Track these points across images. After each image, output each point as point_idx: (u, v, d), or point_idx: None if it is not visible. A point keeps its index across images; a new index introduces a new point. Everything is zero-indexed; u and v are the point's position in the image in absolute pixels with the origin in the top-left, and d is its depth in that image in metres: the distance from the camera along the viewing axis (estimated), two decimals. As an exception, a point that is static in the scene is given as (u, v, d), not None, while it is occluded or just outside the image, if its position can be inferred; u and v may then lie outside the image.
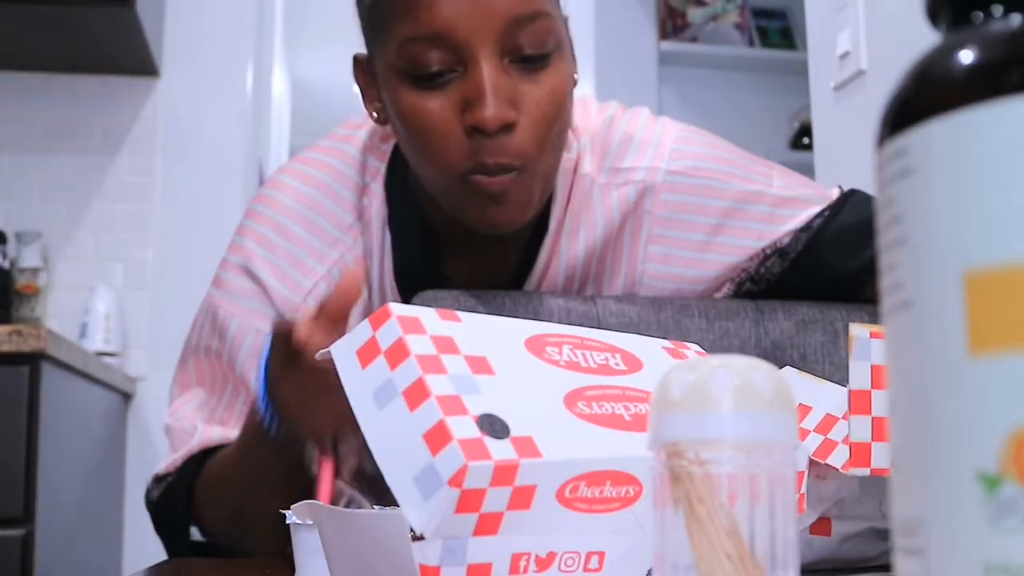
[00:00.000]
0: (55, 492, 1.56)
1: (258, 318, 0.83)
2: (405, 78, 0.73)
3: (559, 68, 0.75)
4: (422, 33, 0.71)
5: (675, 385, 0.31)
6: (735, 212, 0.88)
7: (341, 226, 0.85)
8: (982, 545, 0.21)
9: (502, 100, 0.72)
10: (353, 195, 0.86)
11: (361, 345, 0.41)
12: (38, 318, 2.10)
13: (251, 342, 0.83)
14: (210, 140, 2.26)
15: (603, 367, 0.47)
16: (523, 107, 0.73)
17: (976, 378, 0.22)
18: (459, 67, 0.72)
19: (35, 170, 2.19)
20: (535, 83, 0.74)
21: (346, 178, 0.86)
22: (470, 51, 0.71)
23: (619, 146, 0.88)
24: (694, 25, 2.96)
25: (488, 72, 0.71)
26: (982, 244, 0.22)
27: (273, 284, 0.83)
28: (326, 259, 0.84)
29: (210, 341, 0.85)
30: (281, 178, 0.87)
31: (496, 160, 0.72)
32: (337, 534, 0.43)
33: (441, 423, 0.38)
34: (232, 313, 0.84)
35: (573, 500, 0.41)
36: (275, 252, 0.84)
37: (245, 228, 0.86)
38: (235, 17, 2.31)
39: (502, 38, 0.72)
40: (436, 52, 0.72)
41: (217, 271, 0.87)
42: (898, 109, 0.24)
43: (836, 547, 0.60)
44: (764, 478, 0.30)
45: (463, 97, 0.72)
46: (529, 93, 0.73)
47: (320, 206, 0.85)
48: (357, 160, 0.87)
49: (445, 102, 0.73)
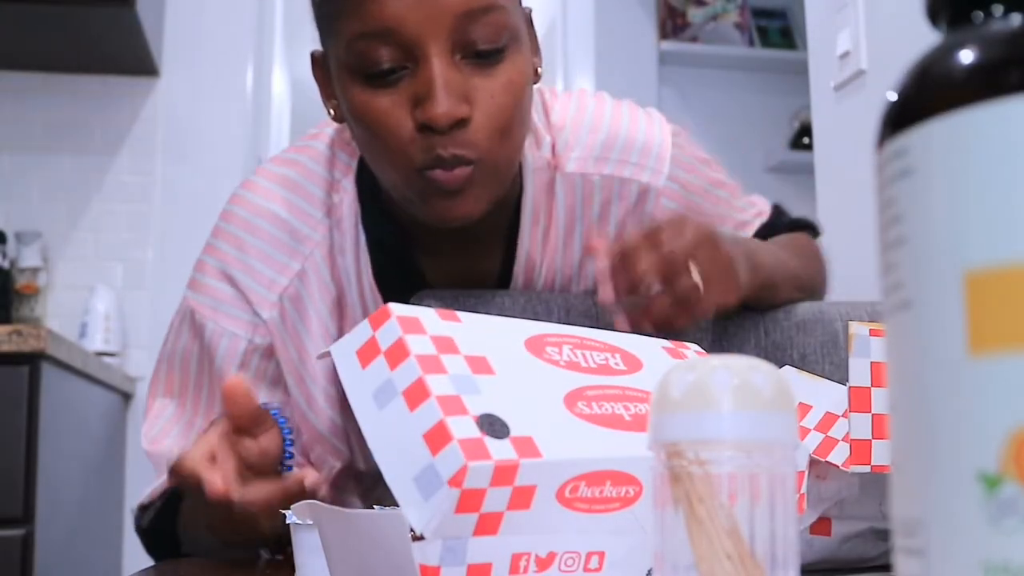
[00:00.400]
0: (55, 492, 1.56)
1: (231, 322, 0.83)
2: (356, 75, 0.72)
3: (515, 61, 0.74)
4: (370, 29, 0.70)
5: (675, 385, 0.31)
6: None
7: (310, 222, 0.84)
8: (982, 545, 0.21)
9: (453, 96, 0.70)
10: (321, 191, 0.85)
11: (361, 345, 0.41)
12: (38, 318, 2.10)
13: (226, 345, 0.83)
14: (210, 140, 2.26)
15: (603, 367, 0.47)
16: (477, 102, 0.72)
17: (976, 378, 0.22)
18: (409, 63, 0.71)
19: (35, 170, 2.19)
20: (489, 77, 0.72)
21: (314, 174, 0.86)
22: (420, 47, 0.70)
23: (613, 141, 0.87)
24: (694, 25, 2.96)
25: (439, 68, 0.70)
26: (982, 244, 0.22)
27: (248, 284, 0.83)
28: (297, 256, 0.84)
29: (188, 345, 0.85)
30: (252, 179, 0.87)
31: (451, 152, 0.71)
32: (337, 534, 0.43)
33: (441, 423, 0.38)
34: (207, 315, 0.84)
35: (573, 500, 0.41)
36: (247, 252, 0.84)
37: (218, 230, 0.86)
38: (235, 17, 2.31)
39: (453, 33, 0.70)
40: (385, 49, 0.71)
41: (192, 273, 0.86)
42: (898, 109, 0.24)
43: (836, 547, 0.60)
44: (764, 478, 0.30)
45: (414, 94, 0.71)
46: (483, 87, 0.72)
47: (288, 203, 0.85)
48: (325, 155, 0.86)
49: (396, 99, 0.72)
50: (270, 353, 0.84)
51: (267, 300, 0.83)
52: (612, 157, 0.86)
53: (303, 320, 0.83)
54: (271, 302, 0.83)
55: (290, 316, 0.83)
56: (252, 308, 0.83)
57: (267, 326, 0.83)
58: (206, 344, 0.84)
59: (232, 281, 0.83)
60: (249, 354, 0.83)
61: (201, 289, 0.84)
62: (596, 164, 0.86)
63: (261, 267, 0.83)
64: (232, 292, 0.83)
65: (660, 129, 0.89)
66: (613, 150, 0.86)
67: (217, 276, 0.84)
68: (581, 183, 0.86)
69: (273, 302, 0.83)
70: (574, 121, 0.87)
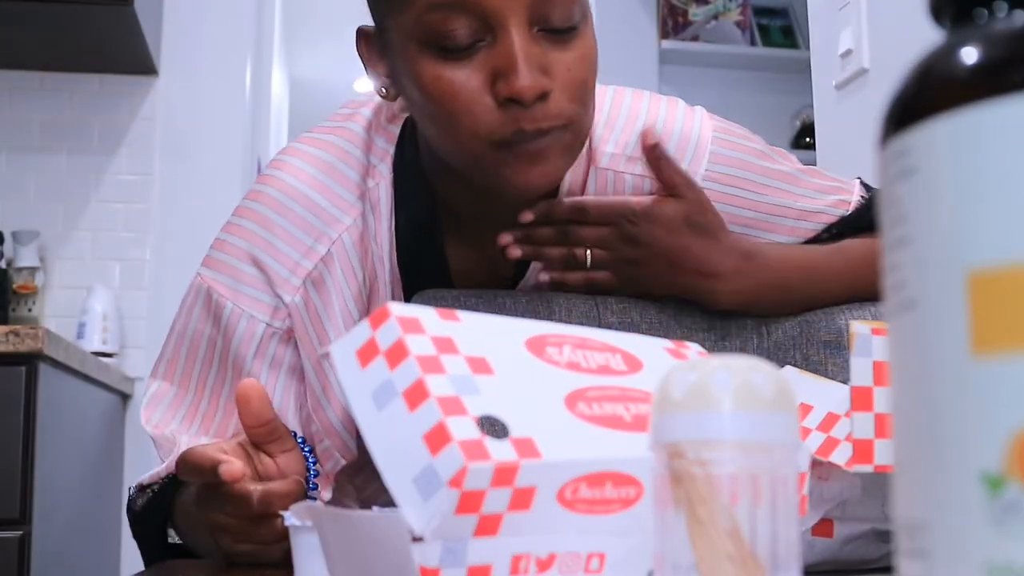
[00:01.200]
0: (52, 493, 1.56)
1: (252, 303, 0.81)
2: (427, 48, 0.70)
3: (586, 35, 0.73)
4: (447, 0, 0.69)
5: (676, 385, 0.31)
6: (759, 223, 0.87)
7: (342, 205, 0.83)
8: (986, 547, 0.21)
9: (536, 69, 0.69)
10: (357, 174, 0.83)
11: (360, 345, 0.41)
12: (35, 318, 2.10)
13: (244, 327, 0.81)
14: (208, 139, 2.26)
15: (603, 367, 0.47)
16: (556, 74, 0.71)
17: (980, 379, 0.22)
18: (487, 35, 0.70)
19: (33, 169, 2.19)
20: (565, 50, 0.72)
21: (352, 157, 0.84)
22: (499, 19, 0.69)
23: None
24: (695, 23, 2.96)
25: (520, 41, 0.69)
26: (986, 244, 0.22)
27: (272, 266, 0.81)
28: (324, 239, 0.82)
29: (200, 325, 0.83)
30: (283, 158, 0.85)
31: (537, 126, 0.71)
32: (336, 535, 0.43)
33: (441, 424, 0.38)
34: (226, 296, 0.81)
35: (574, 501, 0.41)
36: (273, 232, 0.82)
37: (243, 208, 0.84)
38: (233, 17, 2.31)
39: (532, 5, 0.69)
40: (462, 20, 0.69)
41: (210, 251, 0.84)
42: (901, 108, 0.24)
43: (838, 549, 0.60)
44: (765, 479, 0.30)
45: (493, 67, 0.70)
46: (560, 61, 0.71)
47: (321, 185, 0.83)
48: (363, 139, 0.84)
49: (472, 72, 0.70)
50: (289, 337, 0.82)
51: (291, 283, 0.81)
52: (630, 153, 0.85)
53: (326, 305, 0.82)
54: (294, 285, 0.81)
55: (313, 300, 0.82)
56: (274, 290, 0.81)
57: (288, 309, 0.81)
58: (223, 325, 0.82)
59: (256, 262, 0.81)
60: (267, 338, 0.82)
61: (221, 268, 0.82)
62: (628, 163, 0.85)
63: (287, 249, 0.81)
64: (255, 273, 0.81)
65: (700, 124, 0.87)
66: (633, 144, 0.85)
67: (239, 255, 0.82)
68: (613, 180, 0.85)
69: (297, 286, 0.81)
70: (610, 116, 0.86)
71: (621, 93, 0.87)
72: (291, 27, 3.71)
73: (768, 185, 0.87)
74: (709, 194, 0.84)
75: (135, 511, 0.83)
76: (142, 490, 0.82)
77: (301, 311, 0.81)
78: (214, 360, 0.83)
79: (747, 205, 0.86)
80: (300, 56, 4.11)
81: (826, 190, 0.90)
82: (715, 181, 0.85)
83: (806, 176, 0.90)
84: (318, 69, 4.27)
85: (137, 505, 0.82)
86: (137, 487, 0.83)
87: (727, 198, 0.86)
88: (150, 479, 0.81)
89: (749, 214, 0.87)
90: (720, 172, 0.86)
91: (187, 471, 0.65)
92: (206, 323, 0.83)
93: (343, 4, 3.12)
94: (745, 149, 0.87)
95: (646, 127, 0.85)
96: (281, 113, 3.61)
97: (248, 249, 0.82)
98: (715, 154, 0.86)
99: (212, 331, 0.83)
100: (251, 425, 0.66)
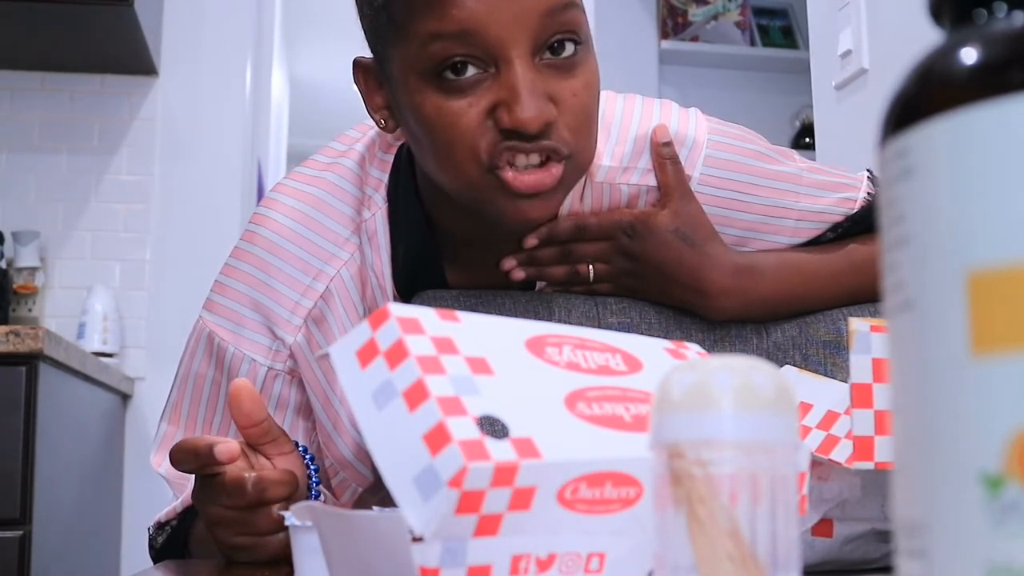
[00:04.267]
0: (52, 493, 1.56)
1: (252, 346, 0.82)
2: (428, 78, 0.69)
3: (588, 60, 0.72)
4: (449, 30, 0.67)
5: (676, 386, 0.31)
6: (759, 226, 0.86)
7: (337, 241, 0.82)
8: (985, 547, 0.21)
9: (540, 99, 0.68)
10: (350, 208, 0.83)
11: (360, 346, 0.41)
12: (35, 318, 2.10)
13: (246, 370, 0.82)
14: (208, 140, 2.26)
15: (603, 368, 0.47)
16: (560, 103, 0.70)
17: (978, 379, 0.22)
18: (490, 66, 0.69)
19: (33, 169, 2.19)
20: (569, 77, 0.71)
21: (344, 192, 0.83)
22: (502, 49, 0.68)
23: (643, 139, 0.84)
24: (695, 24, 2.96)
25: (523, 72, 0.68)
26: (985, 244, 0.22)
27: (272, 308, 0.81)
28: (323, 277, 0.82)
29: (203, 369, 0.84)
30: (275, 196, 0.84)
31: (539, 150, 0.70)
32: (336, 536, 0.43)
33: (441, 424, 0.38)
34: (227, 340, 0.82)
35: (573, 501, 0.41)
36: (271, 274, 0.81)
37: (239, 251, 0.84)
38: (234, 17, 2.31)
39: (536, 34, 0.68)
40: (464, 51, 0.68)
41: (210, 294, 0.84)
42: (900, 108, 0.24)
43: (838, 549, 0.60)
44: (765, 479, 0.30)
45: (496, 98, 0.69)
46: (564, 88, 0.70)
47: (315, 222, 0.82)
48: (355, 173, 0.84)
49: (474, 103, 0.69)
50: (293, 377, 0.83)
51: (291, 324, 0.81)
52: (639, 166, 0.84)
53: (328, 342, 0.81)
54: (295, 325, 0.81)
55: (316, 338, 0.82)
56: (275, 333, 0.81)
57: (290, 350, 0.82)
58: (226, 368, 0.82)
59: (255, 305, 0.82)
60: (270, 380, 0.82)
61: (221, 312, 0.82)
62: (624, 174, 0.84)
63: (286, 290, 0.81)
64: (254, 316, 0.81)
65: (695, 126, 0.85)
66: (641, 158, 0.84)
67: (238, 299, 0.82)
68: (609, 192, 0.84)
69: (298, 325, 0.81)
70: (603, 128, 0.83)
71: (613, 100, 0.85)
72: (291, 27, 3.71)
73: (767, 187, 0.86)
74: (705, 198, 0.84)
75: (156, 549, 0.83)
76: (160, 528, 0.83)
77: (304, 350, 0.82)
78: (218, 402, 0.84)
79: (745, 208, 0.85)
80: (300, 56, 4.11)
81: (830, 187, 0.88)
82: (711, 185, 0.84)
83: (809, 174, 0.88)
84: (318, 69, 4.27)
85: (158, 543, 0.83)
86: (156, 525, 0.83)
87: (724, 202, 0.85)
88: (167, 516, 0.81)
89: (748, 217, 0.86)
90: (716, 176, 0.84)
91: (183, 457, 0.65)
92: (209, 366, 0.83)
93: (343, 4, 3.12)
94: (742, 151, 0.86)
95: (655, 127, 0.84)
96: (281, 113, 3.61)
97: (247, 292, 0.82)
98: (710, 157, 0.84)
99: (215, 374, 0.83)
100: (244, 425, 0.66)
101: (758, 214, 0.86)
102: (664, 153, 0.83)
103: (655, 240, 0.81)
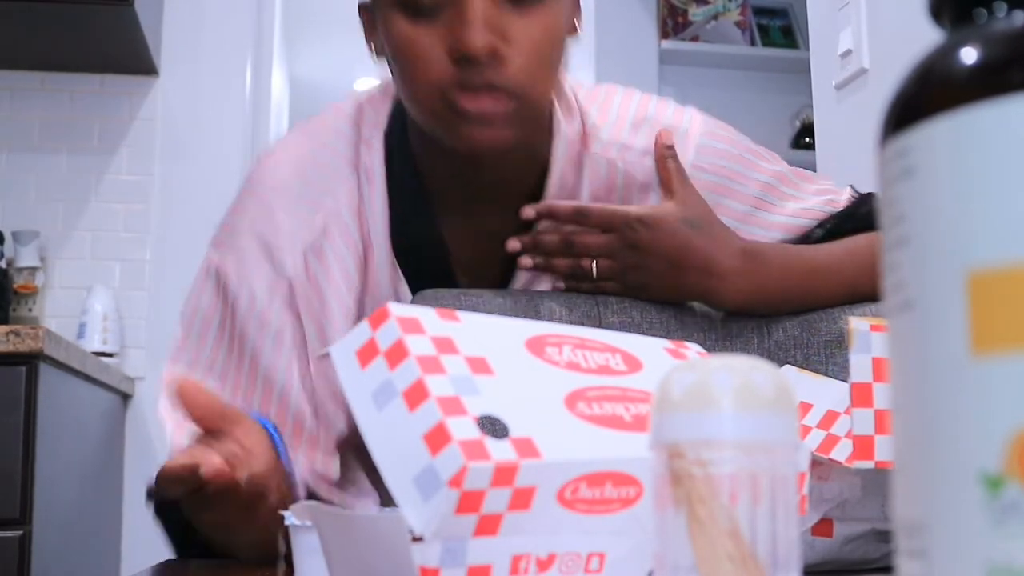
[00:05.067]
0: (52, 493, 1.56)
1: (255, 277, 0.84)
2: (398, 8, 0.76)
3: (553, 8, 0.77)
4: None
5: (676, 385, 0.31)
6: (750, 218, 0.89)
7: (334, 177, 0.86)
8: (985, 547, 0.21)
9: (489, 29, 0.73)
10: (347, 146, 0.87)
11: (360, 346, 0.41)
12: (35, 318, 2.10)
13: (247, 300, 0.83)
14: (208, 139, 2.26)
15: (603, 368, 0.47)
16: (513, 40, 0.75)
17: (979, 379, 0.21)
18: None
19: (33, 169, 2.19)
20: (526, 17, 0.75)
21: (339, 131, 0.88)
22: None
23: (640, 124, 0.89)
24: (695, 24, 2.96)
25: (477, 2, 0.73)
26: (985, 244, 0.22)
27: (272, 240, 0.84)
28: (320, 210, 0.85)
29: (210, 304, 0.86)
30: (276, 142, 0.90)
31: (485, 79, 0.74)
32: (336, 535, 0.43)
33: (441, 424, 0.38)
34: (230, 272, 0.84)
35: (573, 501, 0.41)
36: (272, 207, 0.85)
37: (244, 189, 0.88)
38: (234, 16, 2.31)
39: None
40: None
41: (216, 232, 0.87)
42: (900, 108, 0.24)
43: (838, 549, 0.60)
44: (765, 479, 0.30)
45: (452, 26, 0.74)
46: (520, 26, 0.75)
47: (311, 156, 0.87)
48: (350, 114, 0.88)
49: (434, 31, 0.75)
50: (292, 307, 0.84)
51: (291, 255, 0.84)
52: (636, 146, 0.88)
53: (326, 273, 0.84)
54: (294, 256, 0.84)
55: (313, 269, 0.84)
56: (275, 263, 0.84)
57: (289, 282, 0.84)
58: (229, 300, 0.84)
59: (257, 237, 0.84)
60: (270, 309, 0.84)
61: (225, 246, 0.86)
62: (621, 151, 0.87)
63: (285, 222, 0.84)
64: (256, 248, 0.84)
65: (690, 119, 0.90)
66: (637, 137, 0.88)
67: (240, 231, 0.85)
68: (607, 168, 0.87)
69: (297, 256, 0.84)
70: (603, 106, 0.89)
71: (612, 90, 0.91)
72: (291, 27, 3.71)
73: (755, 179, 0.89)
74: (698, 184, 0.87)
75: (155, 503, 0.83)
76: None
77: (302, 280, 0.84)
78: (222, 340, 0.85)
79: (737, 198, 0.88)
80: (300, 56, 4.11)
81: (815, 191, 0.93)
82: (704, 171, 0.88)
83: (796, 178, 0.92)
84: (318, 69, 4.26)
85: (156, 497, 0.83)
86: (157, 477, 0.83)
87: (717, 188, 0.88)
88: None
89: (739, 207, 0.88)
90: (709, 162, 0.88)
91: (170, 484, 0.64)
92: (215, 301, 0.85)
93: (343, 4, 3.12)
94: (733, 142, 0.90)
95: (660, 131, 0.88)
96: (281, 113, 3.61)
97: (248, 225, 0.85)
98: (703, 146, 0.88)
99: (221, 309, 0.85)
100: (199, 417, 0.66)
101: (749, 204, 0.89)
102: (667, 153, 0.86)
103: (664, 230, 0.83)
